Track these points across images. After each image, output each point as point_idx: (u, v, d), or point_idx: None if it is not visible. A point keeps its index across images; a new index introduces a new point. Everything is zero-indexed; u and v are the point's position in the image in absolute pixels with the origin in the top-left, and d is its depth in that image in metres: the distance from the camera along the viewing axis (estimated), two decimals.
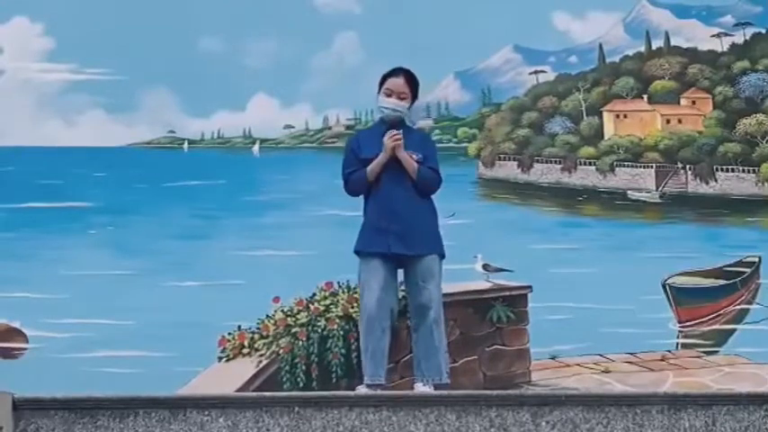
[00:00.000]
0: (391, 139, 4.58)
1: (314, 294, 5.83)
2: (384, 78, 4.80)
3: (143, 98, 7.09)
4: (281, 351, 5.52)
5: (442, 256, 4.78)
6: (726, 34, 7.21)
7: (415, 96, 4.82)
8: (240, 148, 7.41)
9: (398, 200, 4.60)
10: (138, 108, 7.13)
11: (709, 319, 6.67)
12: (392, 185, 4.62)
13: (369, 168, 4.64)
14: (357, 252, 4.73)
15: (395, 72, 4.80)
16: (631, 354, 6.49)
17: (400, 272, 4.77)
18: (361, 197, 4.80)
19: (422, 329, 4.66)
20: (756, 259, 6.70)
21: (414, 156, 4.64)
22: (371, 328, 4.63)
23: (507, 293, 6.21)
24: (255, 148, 7.40)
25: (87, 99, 7.04)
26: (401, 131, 4.63)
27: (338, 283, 5.71)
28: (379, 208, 4.64)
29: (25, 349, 6.34)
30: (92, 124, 7.07)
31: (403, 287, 4.89)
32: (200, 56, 6.99)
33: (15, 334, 6.34)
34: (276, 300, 5.81)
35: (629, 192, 7.27)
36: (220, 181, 7.09)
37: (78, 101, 7.04)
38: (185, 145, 7.32)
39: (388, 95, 4.73)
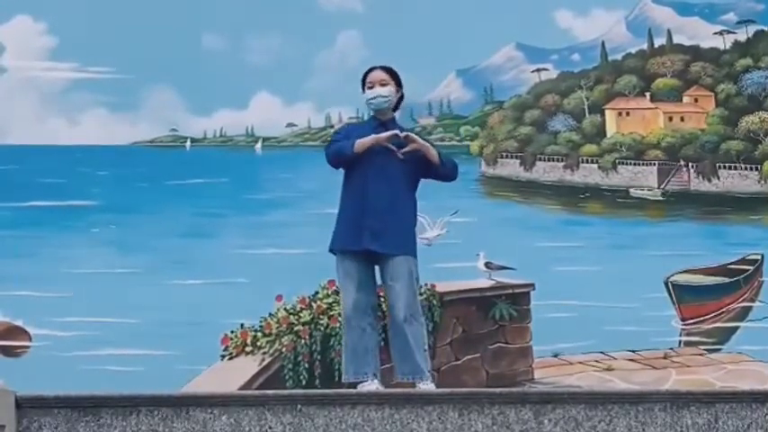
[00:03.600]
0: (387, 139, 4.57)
1: (316, 292, 5.84)
2: (363, 80, 4.83)
3: (146, 97, 7.11)
4: (283, 349, 5.52)
5: (414, 257, 4.76)
6: (728, 32, 7.21)
7: (398, 84, 4.81)
8: (243, 146, 7.42)
9: (382, 197, 4.57)
10: (141, 106, 7.14)
11: (712, 317, 6.67)
12: (378, 182, 4.59)
13: (359, 141, 4.60)
14: (332, 251, 4.71)
15: (369, 70, 4.83)
16: (634, 351, 6.49)
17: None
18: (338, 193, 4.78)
19: (393, 329, 4.62)
20: (759, 257, 6.70)
21: (400, 153, 4.63)
22: (349, 327, 4.63)
23: (510, 291, 6.21)
24: (258, 146, 7.41)
25: (90, 97, 7.06)
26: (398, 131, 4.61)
27: None
28: (360, 204, 4.61)
29: (28, 347, 6.36)
30: (95, 123, 7.08)
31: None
32: (202, 54, 6.99)
33: (18, 332, 6.35)
34: (279, 298, 5.82)
35: (631, 189, 7.27)
36: (223, 179, 7.10)
37: (81, 99, 7.06)
38: (188, 143, 7.34)
39: (371, 87, 4.73)
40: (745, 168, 7.02)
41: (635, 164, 7.24)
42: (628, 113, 7.33)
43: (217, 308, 6.15)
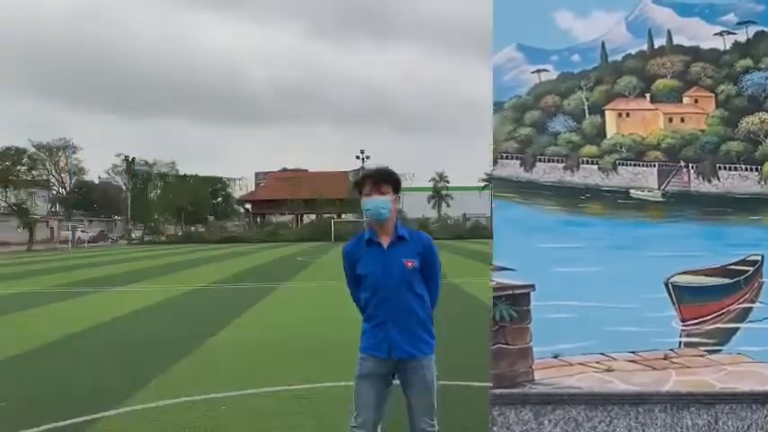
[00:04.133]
0: None
1: None
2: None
3: None
4: None
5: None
6: (728, 33, 7.19)
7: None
8: None
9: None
10: None
11: (712, 318, 6.67)
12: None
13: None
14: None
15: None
16: (634, 352, 6.49)
17: None
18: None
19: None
20: (759, 258, 6.71)
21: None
22: None
23: (510, 292, 6.22)
24: None
25: None
26: None
27: None
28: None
29: None
30: None
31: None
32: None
33: None
34: None
35: (631, 190, 7.26)
36: None
37: None
38: None
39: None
40: (746, 169, 7.02)
41: (635, 165, 7.23)
42: (628, 114, 7.32)
43: None
